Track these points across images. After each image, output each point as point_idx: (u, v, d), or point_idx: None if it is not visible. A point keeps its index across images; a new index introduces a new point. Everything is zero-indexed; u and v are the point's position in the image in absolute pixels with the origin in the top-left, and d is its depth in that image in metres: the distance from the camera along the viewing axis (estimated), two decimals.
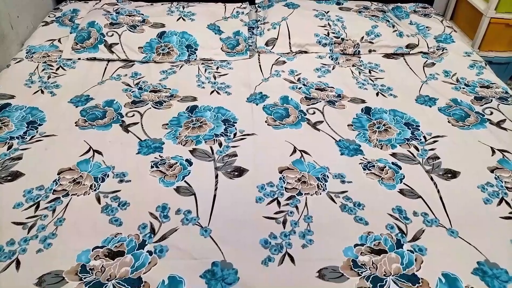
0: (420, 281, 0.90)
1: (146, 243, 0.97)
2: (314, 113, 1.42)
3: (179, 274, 0.90)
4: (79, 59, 1.69)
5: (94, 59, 1.70)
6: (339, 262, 0.94)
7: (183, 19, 1.82)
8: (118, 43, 1.71)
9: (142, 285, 0.89)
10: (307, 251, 0.97)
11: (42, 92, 1.50)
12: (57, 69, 1.63)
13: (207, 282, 0.89)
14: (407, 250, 0.97)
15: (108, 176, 1.15)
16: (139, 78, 1.60)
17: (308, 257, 0.95)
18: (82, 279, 0.89)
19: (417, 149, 1.27)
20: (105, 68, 1.66)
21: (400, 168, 1.19)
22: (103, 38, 1.72)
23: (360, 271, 0.92)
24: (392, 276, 0.91)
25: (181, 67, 1.68)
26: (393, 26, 1.84)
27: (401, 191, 1.12)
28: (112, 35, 1.73)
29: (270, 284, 0.90)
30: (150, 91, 1.52)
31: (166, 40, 1.73)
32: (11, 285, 0.88)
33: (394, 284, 0.90)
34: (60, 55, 1.70)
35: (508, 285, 0.90)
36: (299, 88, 1.56)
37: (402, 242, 0.99)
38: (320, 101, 1.48)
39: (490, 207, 1.08)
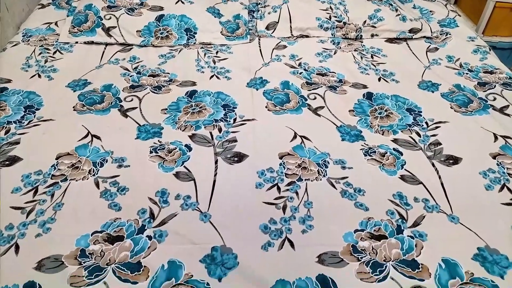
0: (420, 266, 0.90)
1: (146, 228, 0.97)
2: (315, 98, 1.40)
3: (179, 259, 0.90)
4: (76, 42, 1.66)
5: (92, 42, 1.67)
6: (339, 248, 0.94)
7: (182, 2, 1.79)
8: (116, 27, 1.68)
9: (141, 269, 0.88)
10: (307, 236, 0.96)
11: (39, 76, 1.48)
12: (54, 53, 1.60)
13: (206, 266, 0.89)
14: (407, 235, 0.97)
15: (106, 161, 1.14)
16: (137, 62, 1.57)
17: (308, 243, 0.95)
18: (82, 263, 0.89)
19: (419, 135, 1.26)
20: (103, 52, 1.63)
21: (402, 154, 1.18)
22: (100, 21, 1.69)
23: (360, 257, 0.92)
24: (392, 261, 0.91)
25: (180, 51, 1.65)
26: (396, 10, 1.81)
27: (402, 177, 1.11)
28: (110, 18, 1.69)
29: (270, 269, 0.90)
30: (148, 76, 1.50)
31: (165, 23, 1.70)
32: (10, 269, 0.88)
33: (394, 269, 0.89)
34: (57, 39, 1.68)
35: (508, 271, 0.90)
36: (300, 73, 1.53)
37: (402, 228, 0.98)
38: (321, 86, 1.46)
39: (492, 193, 1.08)
